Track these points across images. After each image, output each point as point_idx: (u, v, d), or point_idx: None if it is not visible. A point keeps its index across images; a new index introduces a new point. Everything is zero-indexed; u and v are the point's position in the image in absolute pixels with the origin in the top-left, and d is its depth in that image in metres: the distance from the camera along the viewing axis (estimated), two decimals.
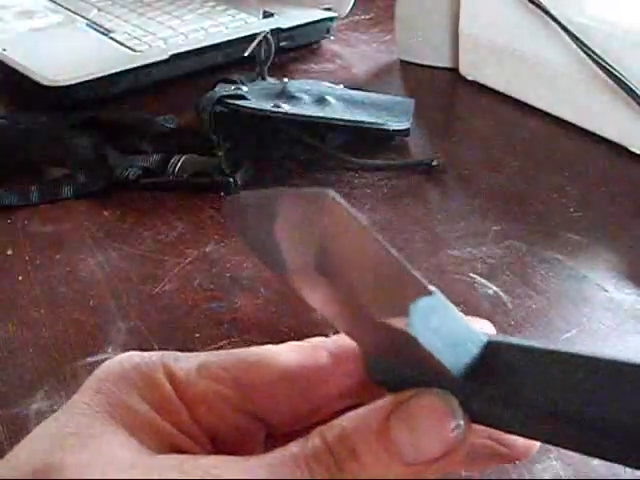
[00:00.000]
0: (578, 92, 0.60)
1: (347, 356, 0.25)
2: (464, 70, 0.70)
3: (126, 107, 0.66)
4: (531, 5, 0.61)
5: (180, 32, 0.73)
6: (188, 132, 0.59)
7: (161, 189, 0.54)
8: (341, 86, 0.65)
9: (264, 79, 0.62)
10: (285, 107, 0.56)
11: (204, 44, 0.71)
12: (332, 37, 0.80)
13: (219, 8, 0.80)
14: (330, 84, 0.64)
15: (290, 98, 0.59)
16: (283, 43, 0.74)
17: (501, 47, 0.65)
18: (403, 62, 0.75)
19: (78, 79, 0.64)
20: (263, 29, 0.63)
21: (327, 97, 0.60)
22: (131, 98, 0.67)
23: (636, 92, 0.55)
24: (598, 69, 0.57)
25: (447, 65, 0.72)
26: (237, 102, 0.56)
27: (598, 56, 0.56)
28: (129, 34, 0.73)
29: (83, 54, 0.70)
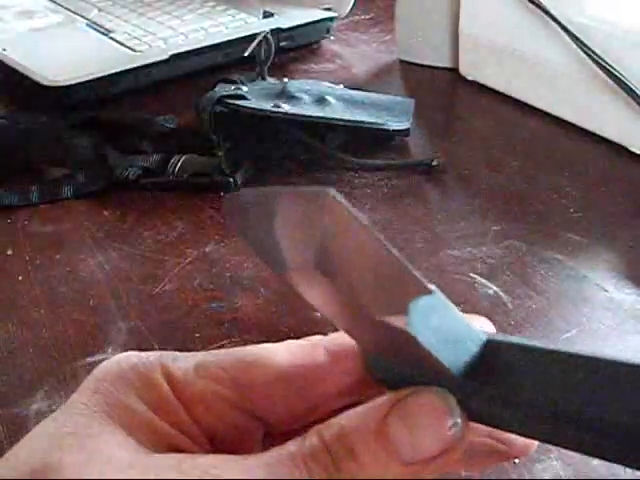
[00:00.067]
0: (578, 92, 0.60)
1: (346, 354, 0.25)
2: (464, 70, 0.70)
3: (126, 107, 0.66)
4: (531, 5, 0.61)
5: (180, 32, 0.73)
6: (188, 132, 0.59)
7: (161, 189, 0.54)
8: (341, 86, 0.65)
9: (264, 79, 0.62)
10: (285, 107, 0.56)
11: (204, 44, 0.71)
12: (332, 37, 0.80)
13: (219, 8, 0.80)
14: (330, 84, 0.64)
15: (290, 98, 0.59)
16: (283, 43, 0.74)
17: (501, 47, 0.65)
18: (403, 62, 0.75)
19: (78, 79, 0.64)
20: (263, 29, 0.63)
21: (327, 97, 0.60)
22: (131, 98, 0.67)
23: (636, 92, 0.55)
24: (598, 69, 0.57)
25: (447, 65, 0.72)
26: (237, 102, 0.56)
27: (598, 56, 0.56)
28: (129, 34, 0.73)
29: (83, 54, 0.70)
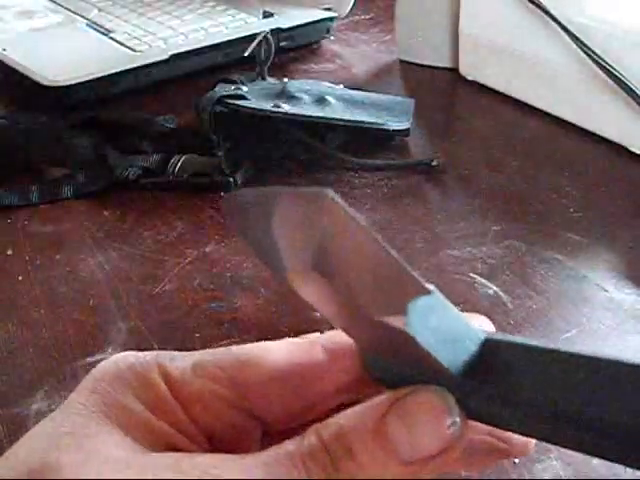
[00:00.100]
0: (578, 92, 0.60)
1: (343, 352, 0.25)
2: (464, 70, 0.70)
3: (126, 107, 0.66)
4: (531, 5, 0.61)
5: (180, 32, 0.73)
6: (188, 132, 0.59)
7: (161, 189, 0.54)
8: (341, 86, 0.65)
9: (264, 79, 0.62)
10: (285, 107, 0.56)
11: (204, 44, 0.71)
12: (332, 37, 0.80)
13: (219, 8, 0.80)
14: (330, 84, 0.64)
15: (290, 98, 0.59)
16: (283, 43, 0.74)
17: (501, 47, 0.65)
18: (403, 62, 0.75)
19: (78, 79, 0.64)
20: (263, 29, 0.63)
21: (327, 97, 0.60)
22: (131, 98, 0.67)
23: (636, 92, 0.55)
24: (598, 69, 0.57)
25: (447, 65, 0.72)
26: (237, 102, 0.56)
27: (598, 56, 0.56)
28: (129, 34, 0.73)
29: (83, 54, 0.70)
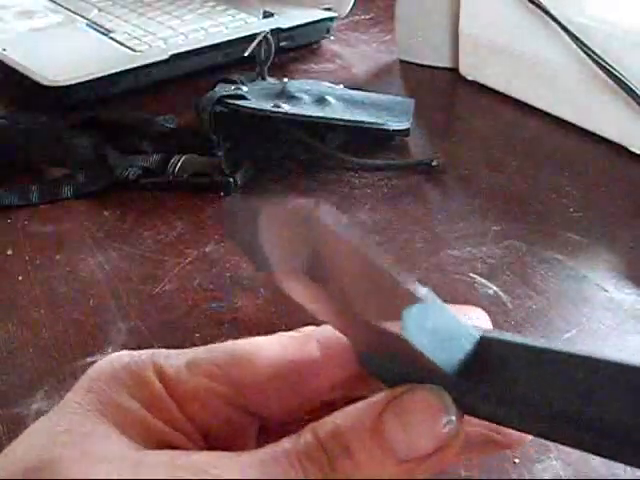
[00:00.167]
0: (578, 92, 0.60)
1: (339, 348, 0.25)
2: (464, 70, 0.70)
3: (126, 107, 0.66)
4: (531, 5, 0.61)
5: (180, 32, 0.73)
6: (188, 132, 0.59)
7: (161, 189, 0.54)
8: (341, 86, 0.65)
9: (264, 79, 0.62)
10: (285, 107, 0.56)
11: (204, 44, 0.71)
12: (332, 37, 0.80)
13: (219, 8, 0.80)
14: (330, 84, 0.64)
15: (290, 98, 0.59)
16: (283, 43, 0.74)
17: (501, 47, 0.65)
18: (403, 62, 0.75)
19: (78, 79, 0.64)
20: (263, 29, 0.63)
21: (327, 97, 0.60)
22: (131, 98, 0.67)
23: (636, 92, 0.55)
24: (598, 69, 0.57)
25: (447, 65, 0.72)
26: (237, 102, 0.56)
27: (598, 56, 0.56)
28: (129, 34, 0.73)
29: (83, 54, 0.70)
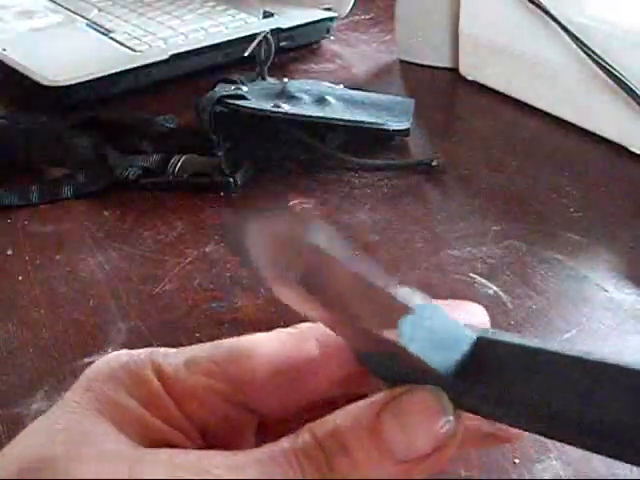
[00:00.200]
0: (578, 92, 0.60)
1: (337, 345, 0.25)
2: (464, 70, 0.70)
3: (126, 107, 0.66)
4: (531, 5, 0.61)
5: (180, 32, 0.73)
6: (188, 132, 0.59)
7: (161, 189, 0.54)
8: (341, 86, 0.65)
9: (264, 79, 0.62)
10: (285, 107, 0.56)
11: (204, 44, 0.71)
12: (332, 37, 0.80)
13: (219, 8, 0.80)
14: (330, 84, 0.64)
15: (290, 98, 0.59)
16: (283, 43, 0.74)
17: (501, 47, 0.65)
18: (403, 62, 0.75)
19: (78, 79, 0.64)
20: (263, 29, 0.63)
21: (327, 97, 0.60)
22: (131, 98, 0.67)
23: (636, 92, 0.55)
24: (598, 69, 0.57)
25: (447, 65, 0.72)
26: (237, 102, 0.56)
27: (598, 56, 0.56)
28: (129, 34, 0.73)
29: (83, 54, 0.70)
